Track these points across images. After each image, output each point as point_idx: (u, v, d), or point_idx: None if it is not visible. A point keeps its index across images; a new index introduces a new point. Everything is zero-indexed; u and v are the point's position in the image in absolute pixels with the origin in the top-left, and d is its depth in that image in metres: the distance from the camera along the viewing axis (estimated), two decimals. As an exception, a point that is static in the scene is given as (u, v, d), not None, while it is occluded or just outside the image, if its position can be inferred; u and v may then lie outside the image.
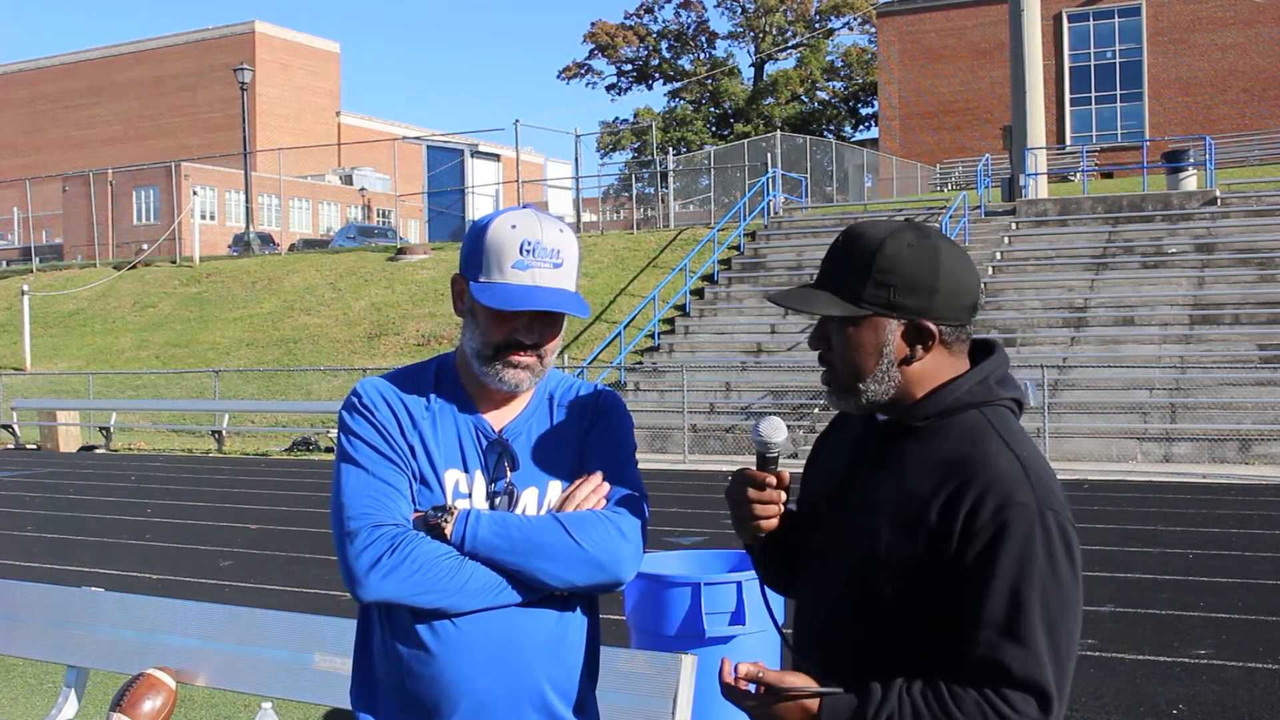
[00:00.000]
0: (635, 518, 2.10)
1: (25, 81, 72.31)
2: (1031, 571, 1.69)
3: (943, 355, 1.85)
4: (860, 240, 1.85)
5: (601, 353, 22.46)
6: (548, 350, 2.11)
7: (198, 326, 29.69)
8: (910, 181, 43.11)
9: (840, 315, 1.84)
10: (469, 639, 2.01)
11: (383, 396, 2.10)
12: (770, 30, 64.68)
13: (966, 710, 1.69)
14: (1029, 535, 1.70)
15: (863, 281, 1.82)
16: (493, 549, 2.00)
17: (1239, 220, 22.31)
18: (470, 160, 37.76)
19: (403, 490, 2.05)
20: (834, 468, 1.98)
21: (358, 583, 1.98)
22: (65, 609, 4.37)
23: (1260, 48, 43.93)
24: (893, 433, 1.88)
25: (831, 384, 1.91)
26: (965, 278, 1.84)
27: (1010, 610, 1.68)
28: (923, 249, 1.82)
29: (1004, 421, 1.84)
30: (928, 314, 1.81)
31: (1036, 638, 1.68)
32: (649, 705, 3.16)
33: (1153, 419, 17.25)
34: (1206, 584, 8.37)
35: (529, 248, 2.05)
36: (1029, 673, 1.68)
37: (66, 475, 17.83)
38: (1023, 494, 1.72)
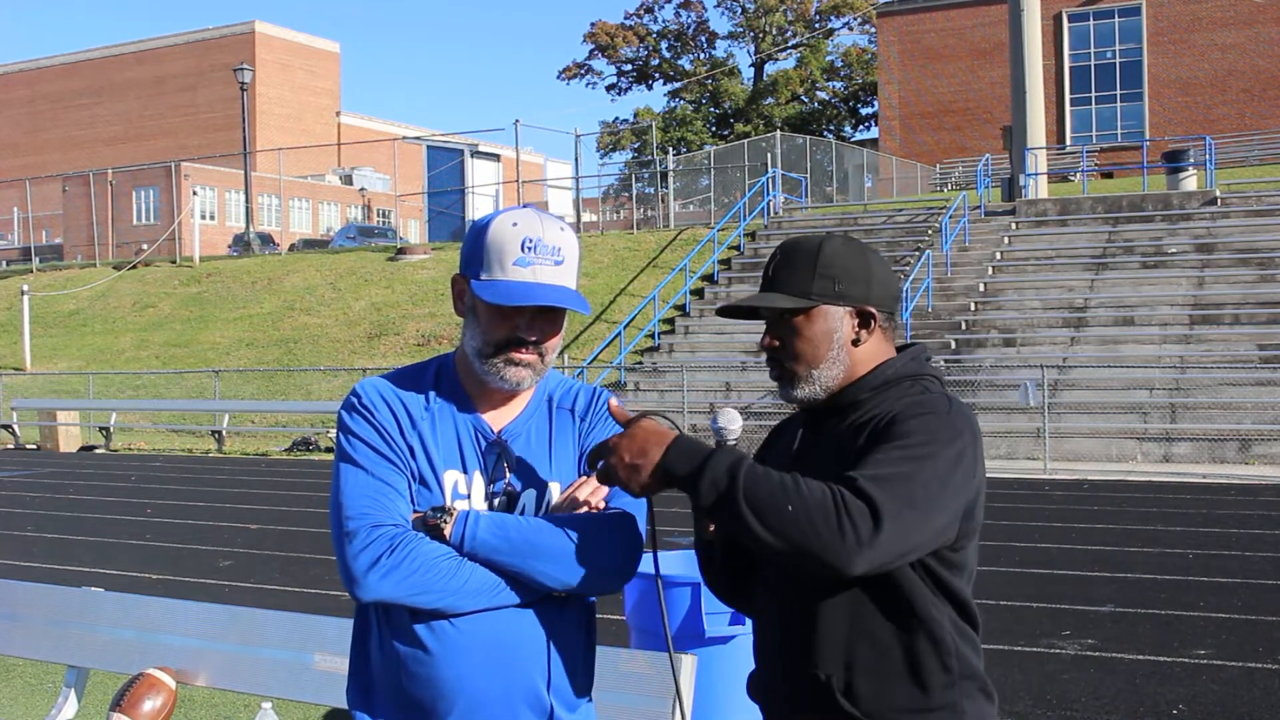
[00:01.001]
0: (633, 520, 2.11)
1: (25, 81, 72.31)
2: (914, 449, 1.86)
3: (881, 341, 2.08)
4: (798, 247, 2.10)
5: (601, 353, 22.46)
6: (549, 348, 2.11)
7: (198, 326, 29.69)
8: (910, 181, 43.11)
9: (794, 308, 2.04)
10: (466, 639, 2.02)
11: (382, 397, 2.10)
12: (770, 30, 64.69)
13: (809, 488, 1.80)
14: (927, 421, 1.90)
15: (809, 278, 2.05)
16: (491, 550, 2.00)
17: (1239, 220, 22.32)
18: (470, 160, 37.76)
19: (401, 490, 2.05)
20: (780, 464, 2.05)
21: (356, 582, 1.99)
22: (65, 609, 4.37)
23: (1260, 48, 43.93)
24: (833, 412, 2.06)
25: (784, 377, 2.08)
26: (890, 274, 2.10)
27: (885, 460, 1.85)
28: (853, 247, 2.08)
29: (935, 387, 2.05)
30: (868, 300, 2.05)
31: (894, 481, 1.82)
32: (649, 705, 3.16)
33: (1153, 419, 17.25)
34: (1206, 584, 8.37)
35: (530, 245, 2.06)
36: (872, 491, 1.79)
37: (66, 475, 17.83)
38: (933, 405, 1.95)
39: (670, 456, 1.90)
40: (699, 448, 1.90)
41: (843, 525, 1.77)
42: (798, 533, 1.78)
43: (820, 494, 1.79)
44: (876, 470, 1.83)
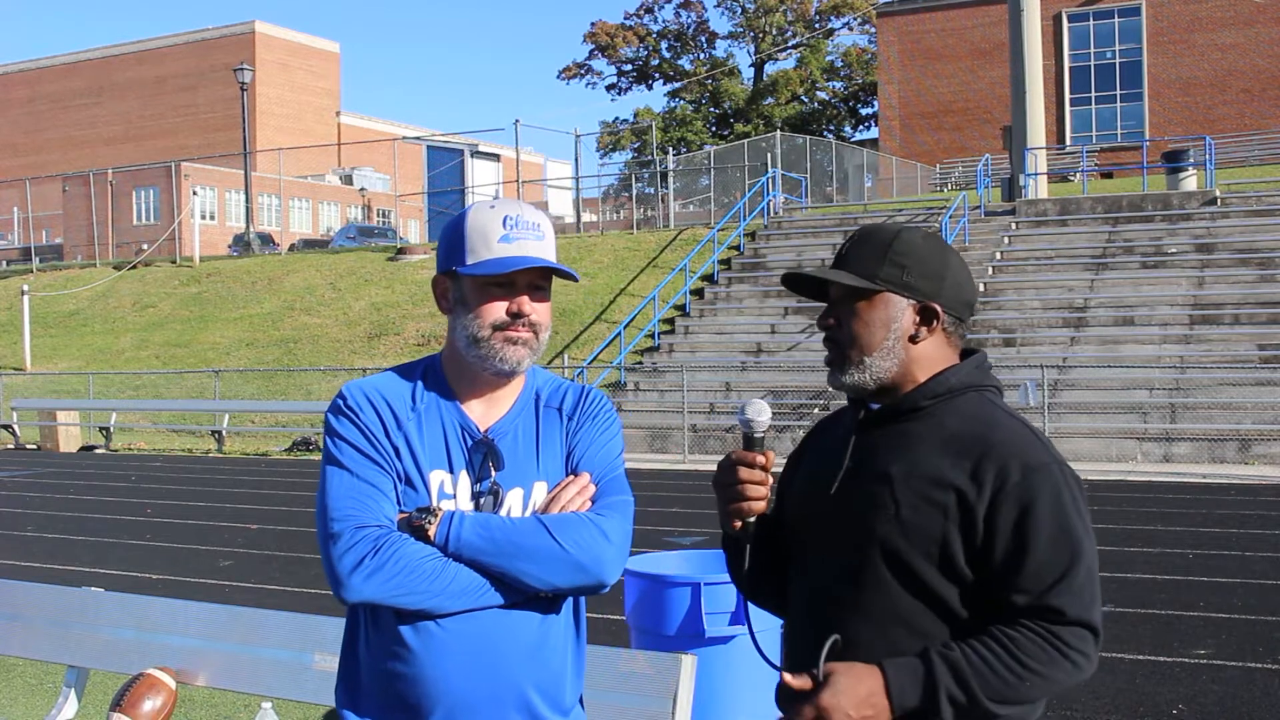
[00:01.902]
0: (620, 520, 2.10)
1: (25, 81, 72.29)
2: (1067, 523, 1.84)
3: (942, 342, 2.00)
4: (877, 231, 2.03)
5: (601, 353, 22.46)
6: (542, 325, 2.11)
7: (198, 326, 29.69)
8: (910, 181, 43.10)
9: (856, 287, 1.97)
10: (452, 640, 2.01)
11: (368, 398, 2.10)
12: (770, 30, 64.67)
13: (1027, 648, 1.81)
14: (1057, 491, 1.85)
15: (879, 262, 1.97)
16: (476, 550, 2.00)
17: (1239, 220, 22.31)
18: (470, 160, 37.80)
19: (387, 491, 2.05)
20: (830, 462, 2.02)
21: (341, 584, 1.99)
22: (65, 609, 4.37)
23: (1260, 48, 43.92)
24: (893, 415, 1.99)
25: (836, 361, 2.01)
26: (967, 280, 2.03)
27: (1055, 560, 1.83)
28: (934, 242, 2.01)
29: (999, 400, 2.01)
30: (937, 298, 1.97)
31: (1079, 579, 1.83)
32: (649, 705, 3.16)
33: (1153, 419, 17.25)
34: (1206, 584, 8.37)
35: (511, 222, 2.08)
36: (1079, 612, 1.82)
37: (66, 475, 17.83)
38: (1041, 455, 1.88)
39: (895, 695, 1.82)
40: (907, 673, 1.83)
41: (1075, 661, 1.83)
42: (1043, 692, 1.84)
43: (1038, 645, 1.81)
44: (1057, 581, 1.82)
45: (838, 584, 1.95)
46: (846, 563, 1.94)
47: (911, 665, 1.83)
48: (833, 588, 1.96)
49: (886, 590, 1.89)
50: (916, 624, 1.88)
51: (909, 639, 1.88)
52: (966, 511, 1.85)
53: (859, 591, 1.92)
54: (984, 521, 1.84)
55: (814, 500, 2.02)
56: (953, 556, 1.86)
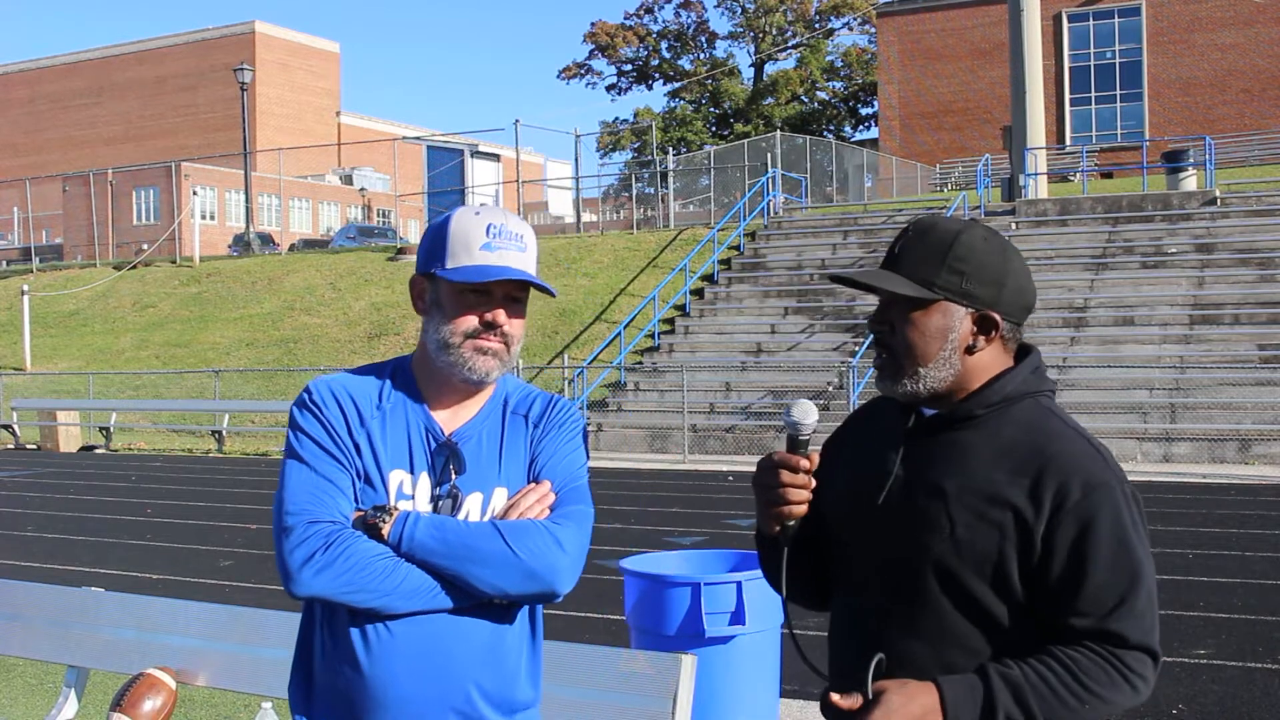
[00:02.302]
0: (577, 530, 2.08)
1: (25, 81, 72.30)
2: (1128, 543, 1.79)
3: (998, 350, 1.91)
4: (934, 229, 1.90)
5: (601, 353, 22.45)
6: (514, 337, 2.09)
7: (198, 326, 29.69)
8: (910, 181, 43.10)
9: (913, 296, 1.86)
10: (400, 643, 2.00)
11: (333, 394, 2.09)
12: (770, 30, 64.67)
13: (1089, 670, 1.76)
14: (1118, 511, 1.79)
15: (937, 267, 1.86)
16: (428, 552, 1.99)
17: (1239, 220, 22.31)
18: (470, 160, 37.78)
19: (344, 488, 2.04)
20: (876, 466, 1.94)
21: (290, 578, 1.99)
22: (66, 609, 4.37)
23: (1260, 48, 43.92)
24: (945, 424, 1.90)
25: (887, 368, 1.91)
26: (1028, 280, 1.93)
27: (1115, 582, 1.78)
28: (995, 244, 1.90)
29: (1056, 408, 1.91)
30: (996, 306, 1.87)
31: (1140, 603, 1.78)
32: (649, 705, 3.15)
33: (1152, 419, 17.26)
34: (1206, 584, 8.37)
35: (495, 231, 2.07)
36: (1141, 638, 1.78)
37: (66, 475, 17.83)
38: (1102, 472, 1.80)
39: (951, 713, 1.76)
40: (965, 690, 1.77)
41: (1135, 686, 1.79)
42: (1100, 715, 1.79)
43: (1100, 668, 1.77)
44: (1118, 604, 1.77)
45: (887, 599, 1.89)
46: (897, 578, 1.88)
47: (969, 683, 1.78)
48: (882, 603, 1.90)
49: (938, 608, 1.84)
50: (969, 643, 1.83)
51: (962, 657, 1.83)
52: (1024, 531, 1.79)
53: (910, 609, 1.86)
54: (1042, 541, 1.78)
55: (860, 508, 1.94)
56: (1008, 575, 1.80)
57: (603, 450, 19.56)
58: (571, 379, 21.65)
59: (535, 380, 22.55)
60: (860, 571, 1.95)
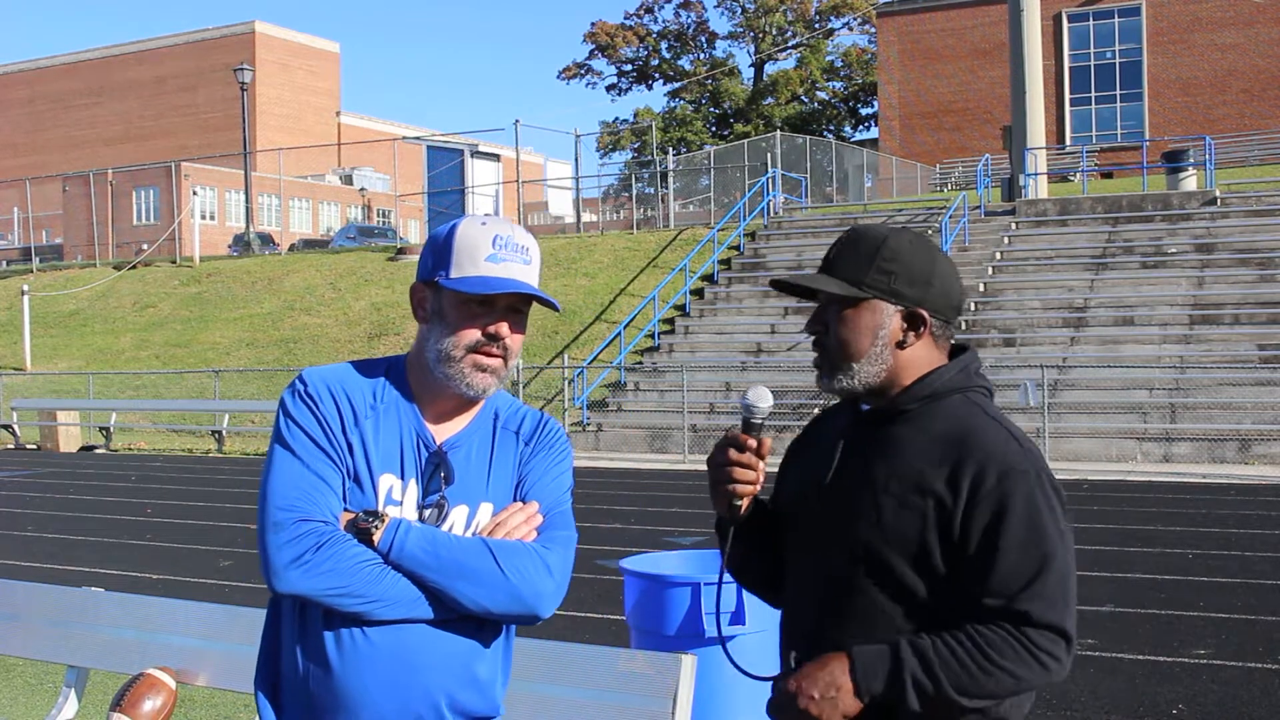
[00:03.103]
0: (563, 555, 2.09)
1: (25, 81, 72.30)
2: (1040, 527, 1.87)
3: (930, 346, 2.02)
4: (865, 235, 2.04)
5: (601, 353, 22.46)
6: (513, 352, 2.09)
7: (198, 326, 29.70)
8: (910, 181, 43.10)
9: (843, 295, 1.99)
10: (372, 651, 2.00)
11: (329, 388, 2.07)
12: (770, 30, 64.67)
13: (996, 645, 1.84)
14: (1031, 496, 1.87)
15: (866, 268, 1.99)
16: (418, 564, 1.98)
17: (1239, 220, 22.31)
18: (470, 160, 37.76)
19: (334, 486, 2.02)
20: (822, 461, 2.05)
21: (275, 574, 1.97)
22: (66, 609, 4.37)
23: (1260, 48, 43.92)
24: (881, 418, 2.02)
25: (824, 365, 2.03)
26: (955, 282, 2.04)
27: (1025, 563, 1.85)
28: (921, 246, 2.02)
29: (985, 403, 2.02)
30: (923, 304, 1.99)
31: (1049, 584, 1.86)
32: (649, 705, 3.15)
33: (1152, 419, 17.25)
34: (1206, 584, 8.37)
35: (501, 242, 2.06)
36: (1049, 617, 1.85)
37: (66, 475, 17.83)
38: (1019, 460, 1.90)
39: (860, 677, 1.87)
40: (874, 654, 1.88)
41: (1044, 663, 1.85)
42: (1011, 690, 1.86)
43: (1007, 645, 1.84)
44: (1027, 585, 1.84)
45: (824, 585, 2.00)
46: (832, 564, 1.98)
47: (879, 651, 1.87)
48: (819, 589, 2.01)
49: (869, 592, 1.93)
50: (900, 625, 1.91)
51: (889, 639, 1.91)
52: (944, 515, 1.88)
53: (844, 593, 1.96)
54: (960, 525, 1.87)
55: (805, 499, 2.06)
56: (930, 558, 1.89)
57: (603, 450, 19.56)
58: (571, 379, 21.65)
59: (535, 380, 22.56)
60: (804, 558, 2.06)
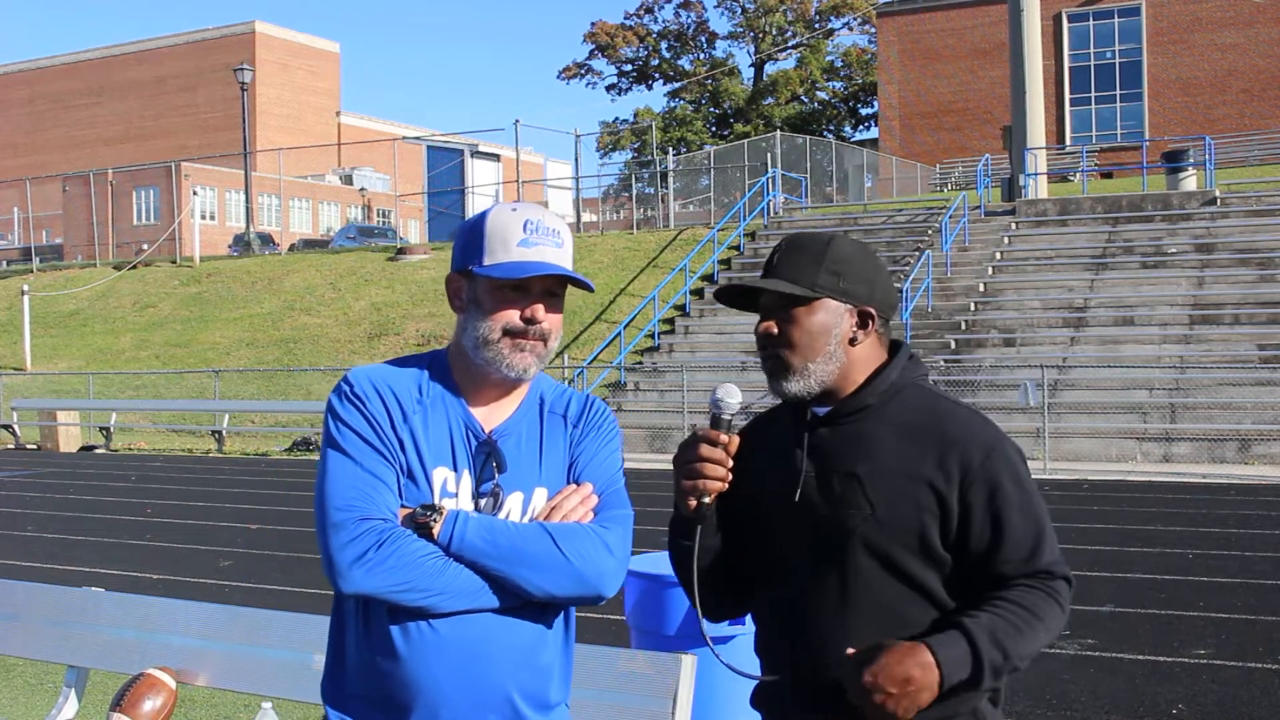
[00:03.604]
0: (622, 534, 2.10)
1: (25, 81, 72.28)
2: (1027, 490, 1.99)
3: (875, 344, 2.09)
4: (807, 240, 2.10)
5: (601, 353, 22.46)
6: (552, 334, 2.11)
7: (198, 326, 29.69)
8: (910, 181, 43.09)
9: (797, 295, 2.03)
10: (440, 642, 2.01)
11: (375, 387, 2.08)
12: (770, 30, 64.67)
13: (1036, 602, 1.94)
14: (1014, 466, 1.99)
15: (816, 270, 2.04)
16: (478, 553, 2.00)
17: (1239, 220, 22.31)
18: (470, 160, 37.77)
19: (390, 484, 2.03)
20: (782, 468, 2.06)
21: (340, 575, 1.98)
22: (66, 609, 4.37)
23: (1260, 48, 43.92)
24: (841, 417, 2.05)
25: (778, 370, 2.05)
26: (891, 282, 2.14)
27: (1030, 526, 1.96)
28: (864, 250, 2.10)
29: (936, 389, 2.12)
30: (870, 302, 2.06)
31: (1049, 538, 1.98)
32: (649, 705, 3.15)
33: (1152, 419, 17.25)
34: (1206, 584, 8.37)
35: (532, 227, 2.08)
36: (1062, 568, 1.98)
37: (66, 475, 17.83)
38: (993, 435, 2.00)
39: (945, 666, 1.87)
40: (950, 642, 1.88)
41: (1064, 608, 1.98)
42: (1047, 642, 1.97)
43: (1042, 598, 1.94)
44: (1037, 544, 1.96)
45: (819, 585, 2.00)
46: (826, 563, 1.99)
47: (953, 638, 1.89)
48: (813, 589, 2.01)
49: (872, 583, 1.97)
50: (905, 612, 1.96)
51: (899, 627, 1.95)
52: (940, 499, 1.95)
53: (842, 591, 1.98)
54: (958, 505, 1.95)
55: (774, 507, 2.05)
56: (931, 543, 1.95)
57: (603, 450, 19.54)
58: (571, 379, 21.64)
59: (535, 380, 22.55)
60: (785, 567, 2.06)
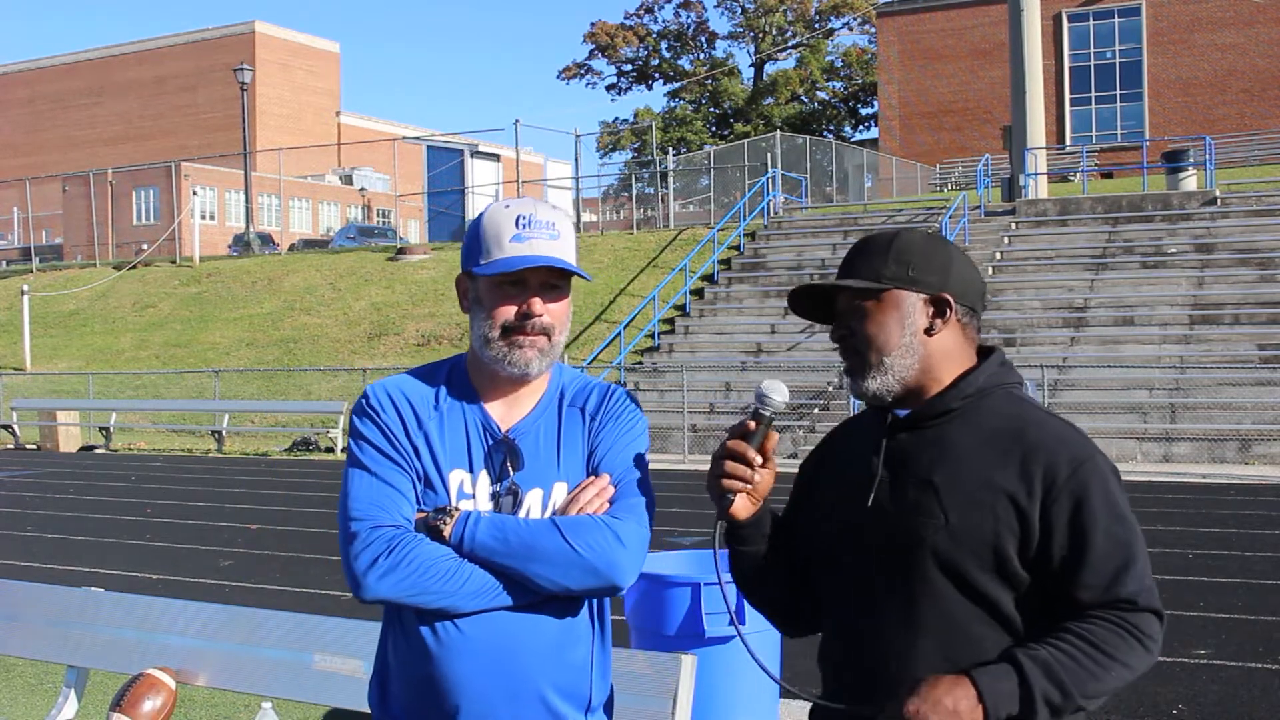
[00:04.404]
0: (637, 524, 2.08)
1: (25, 81, 72.27)
2: (1119, 512, 1.84)
3: (958, 335, 1.97)
4: (874, 236, 2.02)
5: (601, 353, 22.46)
6: (555, 327, 2.11)
7: (198, 326, 29.69)
8: (910, 181, 43.09)
9: (863, 289, 1.94)
10: (470, 641, 2.02)
11: (390, 398, 2.12)
12: (770, 30, 64.67)
13: (1107, 639, 1.79)
14: (1105, 483, 1.84)
15: (882, 263, 1.95)
16: (489, 551, 2.01)
17: (1239, 220, 22.31)
18: (470, 160, 37.76)
19: (405, 491, 2.05)
20: (859, 473, 1.97)
21: (358, 583, 2.01)
22: (65, 609, 4.37)
23: (1260, 48, 43.92)
24: (923, 420, 1.94)
25: (857, 368, 1.96)
26: (973, 270, 2.01)
27: (1115, 550, 1.81)
28: (934, 240, 1.99)
29: (1027, 396, 1.98)
30: (945, 288, 1.94)
31: (1140, 566, 1.83)
32: (649, 705, 3.15)
33: (1152, 419, 17.25)
34: (1206, 584, 8.37)
35: (524, 221, 2.09)
36: (1149, 601, 1.82)
37: (66, 475, 17.82)
38: (1085, 447, 1.87)
39: (990, 703, 1.75)
40: (999, 674, 1.77)
41: (1147, 646, 1.82)
42: (1123, 681, 1.81)
43: (1117, 635, 1.80)
44: (1121, 571, 1.81)
45: (886, 599, 1.90)
46: (895, 576, 1.89)
47: (1002, 671, 1.77)
48: (880, 603, 1.91)
49: (940, 599, 1.86)
50: (973, 631, 1.85)
51: (966, 647, 1.84)
52: (1020, 513, 1.82)
53: (911, 603, 1.88)
54: (1039, 520, 1.82)
55: (846, 513, 1.96)
56: (1007, 560, 1.83)
57: (603, 450, 19.52)
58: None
59: (535, 380, 22.55)
60: (853, 577, 1.95)
